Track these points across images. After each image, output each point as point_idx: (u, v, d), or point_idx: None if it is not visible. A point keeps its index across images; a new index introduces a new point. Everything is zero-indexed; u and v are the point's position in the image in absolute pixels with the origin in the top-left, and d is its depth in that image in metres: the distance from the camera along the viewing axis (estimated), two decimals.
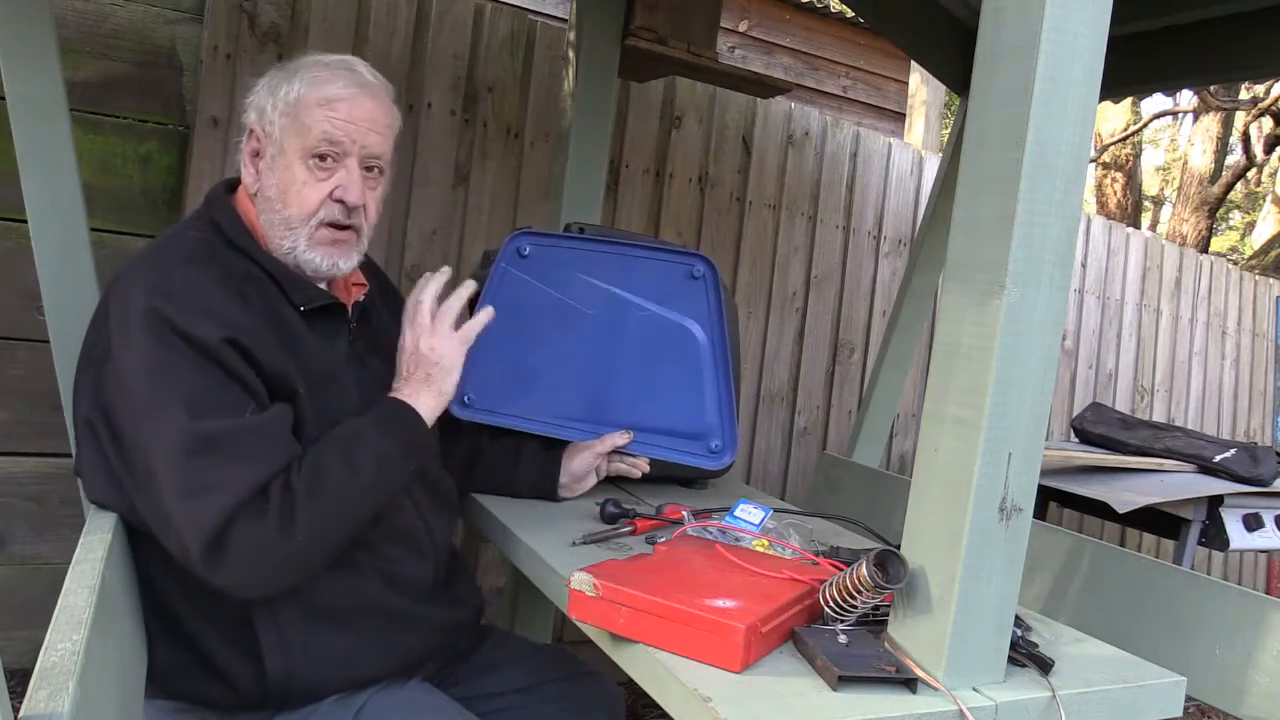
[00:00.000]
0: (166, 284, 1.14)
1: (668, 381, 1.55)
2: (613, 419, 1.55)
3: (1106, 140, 8.11)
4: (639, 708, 2.31)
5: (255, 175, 1.29)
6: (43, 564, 2.14)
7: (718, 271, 1.54)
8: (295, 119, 1.25)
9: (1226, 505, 2.66)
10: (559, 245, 1.56)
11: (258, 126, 1.28)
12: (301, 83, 1.26)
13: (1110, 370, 4.12)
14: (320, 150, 1.25)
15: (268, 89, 1.28)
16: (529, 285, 1.55)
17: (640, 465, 1.58)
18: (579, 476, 1.54)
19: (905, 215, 3.40)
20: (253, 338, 1.15)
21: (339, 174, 1.26)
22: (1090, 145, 1.02)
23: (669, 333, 1.55)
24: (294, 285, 1.27)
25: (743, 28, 5.48)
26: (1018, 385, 0.91)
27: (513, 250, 1.56)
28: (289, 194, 1.26)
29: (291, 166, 1.25)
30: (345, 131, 1.25)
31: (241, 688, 1.17)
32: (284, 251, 1.27)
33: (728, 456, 1.55)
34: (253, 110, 1.30)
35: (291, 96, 1.25)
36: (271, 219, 1.27)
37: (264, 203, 1.28)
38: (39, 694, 0.75)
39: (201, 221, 1.28)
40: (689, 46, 2.20)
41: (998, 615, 0.94)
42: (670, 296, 1.55)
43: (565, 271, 1.55)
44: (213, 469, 1.07)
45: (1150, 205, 12.87)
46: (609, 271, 1.55)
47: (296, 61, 1.30)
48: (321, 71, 1.27)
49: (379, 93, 1.30)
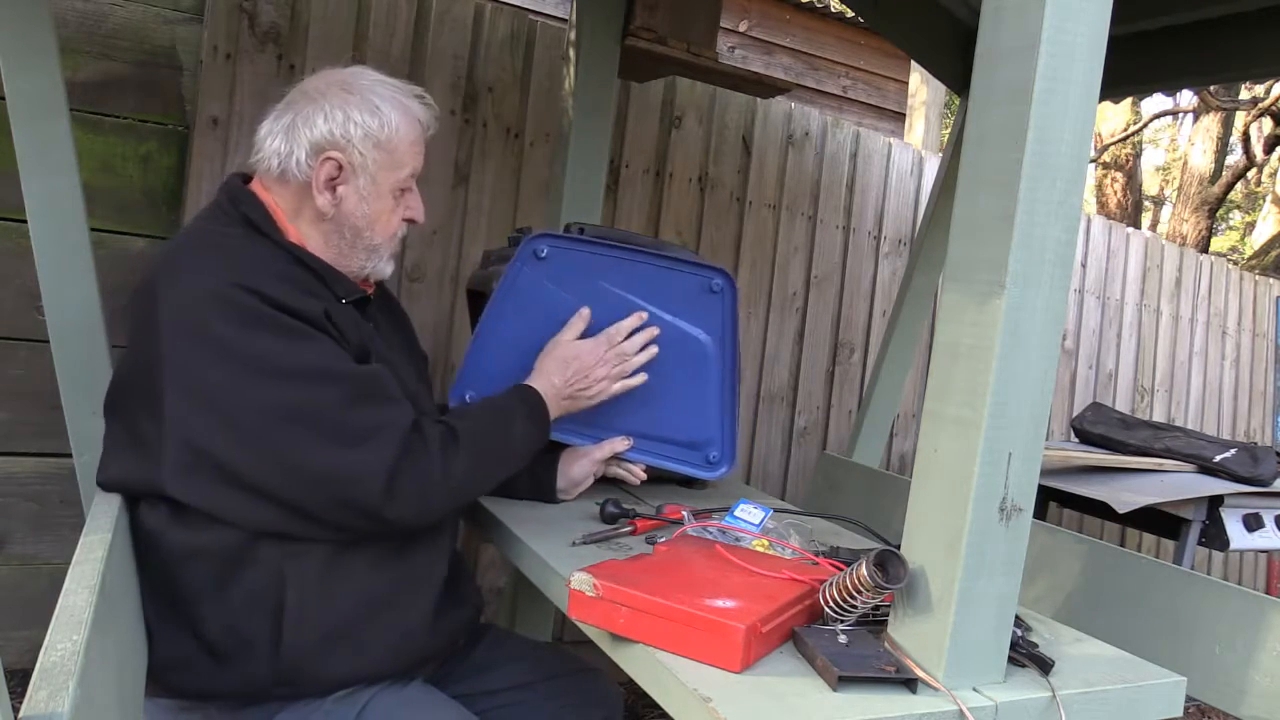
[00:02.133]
0: (244, 270, 1.18)
1: (673, 390, 1.55)
2: (615, 424, 1.55)
3: (1106, 140, 8.11)
4: (639, 708, 2.31)
5: (333, 201, 1.29)
6: (43, 564, 2.14)
7: (736, 287, 1.54)
8: (391, 154, 1.30)
9: (1226, 505, 2.66)
10: (577, 249, 1.55)
11: (340, 156, 1.27)
12: (393, 115, 1.29)
13: (1110, 370, 4.12)
14: (408, 185, 1.35)
15: (343, 116, 1.27)
16: (543, 287, 1.55)
17: (638, 473, 1.58)
18: (577, 481, 1.55)
19: (905, 215, 3.40)
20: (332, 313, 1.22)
21: (408, 196, 1.36)
22: (1090, 145, 1.02)
23: (680, 342, 1.55)
24: (334, 278, 1.30)
25: (743, 28, 5.48)
26: (1018, 385, 0.91)
27: (530, 251, 1.55)
28: (378, 223, 1.33)
29: (383, 197, 1.32)
30: (421, 163, 1.36)
31: (251, 673, 1.17)
32: (356, 269, 1.34)
33: (725, 468, 1.56)
34: (324, 135, 1.27)
35: (386, 133, 1.29)
36: (354, 243, 1.32)
37: (344, 228, 1.31)
38: (39, 694, 0.75)
39: (229, 218, 1.28)
40: (689, 46, 2.20)
41: (998, 615, 0.94)
42: (685, 307, 1.55)
43: (581, 276, 1.54)
44: (369, 413, 1.17)
45: (1150, 205, 12.87)
46: (626, 278, 1.55)
47: (367, 85, 1.31)
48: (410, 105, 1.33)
49: None
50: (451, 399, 1.55)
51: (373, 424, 1.16)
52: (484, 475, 1.30)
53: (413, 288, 2.46)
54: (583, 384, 1.46)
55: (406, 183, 1.34)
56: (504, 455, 1.33)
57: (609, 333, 1.48)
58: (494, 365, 1.54)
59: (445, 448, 1.22)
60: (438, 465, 1.20)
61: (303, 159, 1.27)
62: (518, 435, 1.35)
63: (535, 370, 1.45)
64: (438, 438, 1.22)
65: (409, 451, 1.17)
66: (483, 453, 1.28)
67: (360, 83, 1.30)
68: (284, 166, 1.28)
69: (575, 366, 1.45)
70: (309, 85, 1.32)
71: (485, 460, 1.29)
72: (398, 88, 1.33)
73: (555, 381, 1.43)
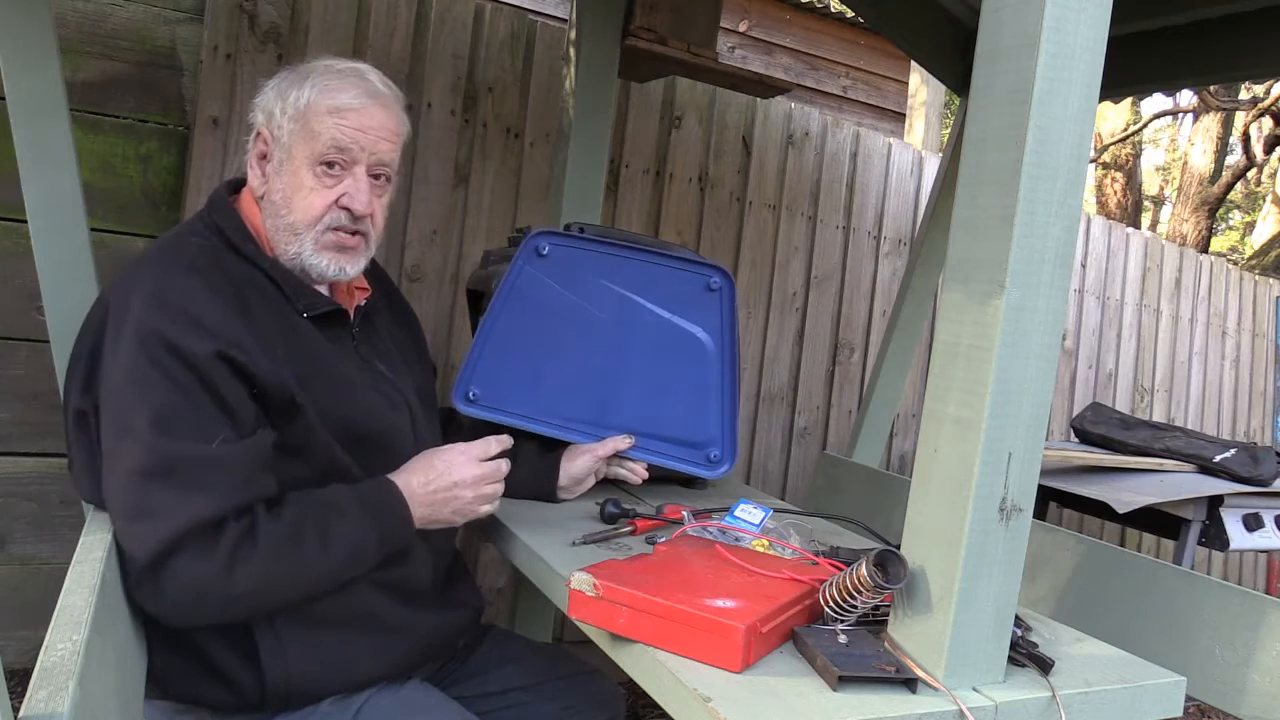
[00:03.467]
0: (163, 293, 1.13)
1: (673, 389, 1.56)
2: (616, 423, 1.56)
3: (1106, 140, 8.11)
4: (639, 708, 2.31)
5: (262, 178, 1.28)
6: (43, 564, 2.14)
7: (734, 285, 1.54)
8: (305, 125, 1.24)
9: (1226, 505, 2.66)
10: (578, 246, 1.56)
11: (265, 130, 1.28)
12: (313, 89, 1.25)
13: (1110, 370, 4.12)
14: (329, 158, 1.25)
15: (277, 92, 1.28)
16: (545, 285, 1.55)
17: (639, 472, 1.57)
18: (578, 479, 1.54)
19: (905, 215, 3.40)
20: (247, 349, 1.13)
21: (346, 181, 1.26)
22: (1090, 145, 1.02)
23: (679, 341, 1.55)
24: (297, 291, 1.26)
25: (743, 28, 5.48)
26: (1018, 385, 0.91)
27: (532, 249, 1.55)
28: (294, 200, 1.25)
29: (299, 172, 1.25)
30: (354, 140, 1.25)
31: (241, 690, 1.17)
32: (290, 256, 1.26)
33: (725, 467, 1.56)
34: (260, 112, 1.29)
35: (301, 103, 1.25)
36: (277, 224, 1.27)
37: (269, 207, 1.27)
38: (39, 694, 0.75)
39: (203, 225, 1.27)
40: (689, 46, 2.20)
41: (998, 615, 0.94)
42: (684, 305, 1.55)
43: (582, 273, 1.55)
44: (162, 494, 1.05)
45: (1150, 205, 12.87)
46: (626, 276, 1.55)
47: (308, 65, 1.29)
48: (333, 79, 1.26)
49: (389, 102, 1.30)
50: (455, 396, 1.55)
51: (157, 505, 1.05)
52: (287, 583, 1.12)
53: (413, 288, 2.46)
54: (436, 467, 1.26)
55: (329, 155, 1.24)
56: (318, 561, 1.14)
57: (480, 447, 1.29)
58: (496, 362, 1.55)
59: (236, 552, 1.06)
60: (219, 569, 1.05)
61: (251, 143, 1.29)
62: (341, 540, 1.15)
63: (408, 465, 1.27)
64: (231, 541, 1.06)
65: (180, 550, 1.04)
66: (290, 559, 1.11)
67: (311, 65, 1.29)
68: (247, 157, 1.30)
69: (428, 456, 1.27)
70: None
71: (292, 566, 1.12)
72: (333, 62, 1.29)
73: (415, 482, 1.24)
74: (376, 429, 1.27)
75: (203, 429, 1.09)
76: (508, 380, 1.55)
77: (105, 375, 1.13)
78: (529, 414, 1.55)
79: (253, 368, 1.13)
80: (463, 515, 1.27)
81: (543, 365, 1.56)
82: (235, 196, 1.32)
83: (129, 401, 1.09)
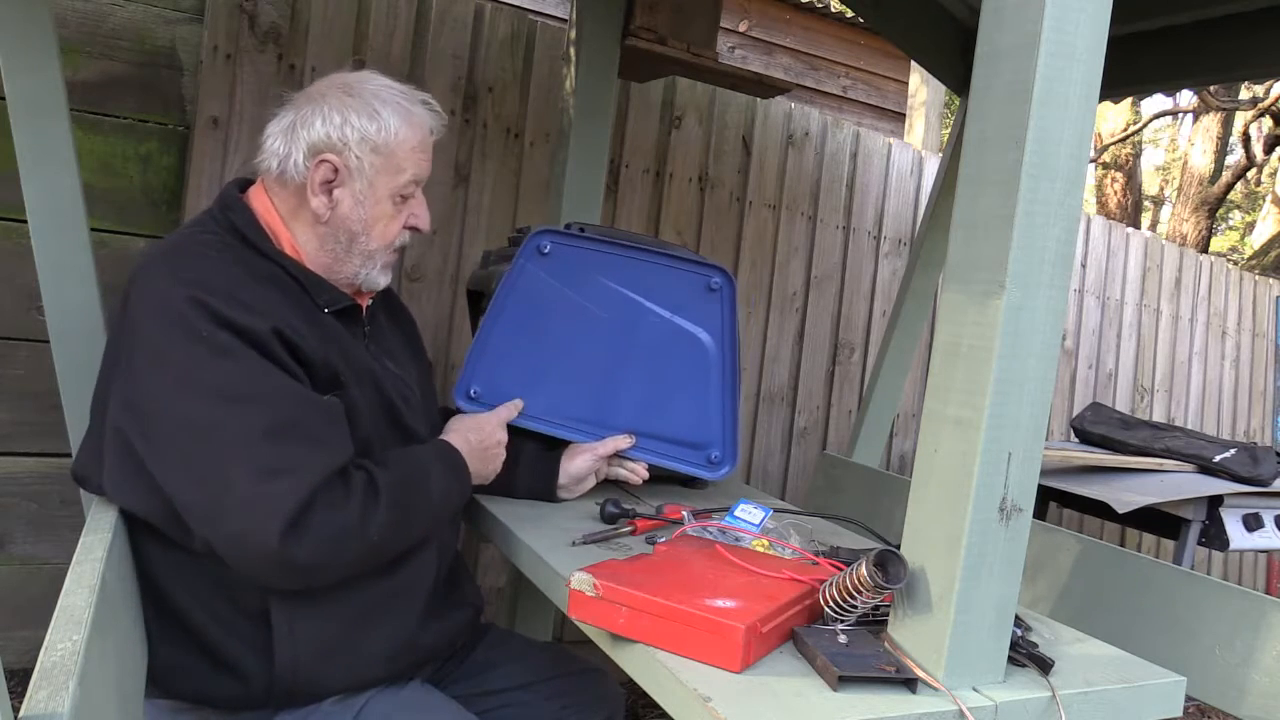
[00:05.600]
0: (204, 278, 1.14)
1: (674, 389, 1.55)
2: (616, 423, 1.56)
3: (1106, 140, 8.11)
4: (639, 708, 2.32)
5: (328, 204, 1.27)
6: (43, 564, 2.14)
7: (735, 286, 1.54)
8: (390, 160, 1.28)
9: (1226, 505, 2.66)
10: (580, 246, 1.56)
11: (335, 159, 1.26)
12: (394, 121, 1.27)
13: (1110, 370, 4.12)
14: (409, 191, 1.32)
15: (343, 119, 1.26)
16: (546, 283, 1.55)
17: (640, 472, 1.57)
18: (579, 478, 1.54)
19: (905, 215, 3.40)
20: (295, 329, 1.17)
21: (411, 203, 1.34)
22: (1090, 145, 1.02)
23: (680, 341, 1.55)
24: (317, 287, 1.28)
25: (743, 28, 5.48)
26: (1018, 385, 0.91)
27: (533, 247, 1.55)
28: (374, 228, 1.30)
29: (381, 203, 1.29)
30: (427, 170, 1.34)
31: (248, 682, 1.17)
32: (350, 275, 1.31)
33: (726, 468, 1.56)
34: (323, 138, 1.25)
35: (384, 137, 1.27)
36: (350, 248, 1.30)
37: (339, 232, 1.29)
38: (39, 694, 0.75)
39: (216, 223, 1.27)
40: (689, 46, 2.20)
41: (997, 615, 0.94)
42: (685, 305, 1.55)
43: (583, 272, 1.55)
44: (292, 450, 1.09)
45: (1150, 205, 12.87)
46: (627, 276, 1.56)
47: (368, 89, 1.29)
48: (414, 111, 1.31)
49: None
50: (456, 394, 1.55)
51: (290, 462, 1.08)
52: (403, 531, 1.20)
53: (413, 288, 2.46)
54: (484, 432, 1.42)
55: (408, 189, 1.32)
56: (423, 510, 1.24)
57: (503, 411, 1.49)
58: (498, 360, 1.55)
59: (366, 499, 1.14)
60: (356, 516, 1.11)
61: (300, 161, 1.26)
62: (437, 491, 1.26)
63: (448, 429, 1.41)
64: (360, 489, 1.14)
65: (325, 496, 1.09)
66: (403, 507, 1.19)
67: (364, 87, 1.29)
68: (283, 168, 1.27)
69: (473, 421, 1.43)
70: (313, 88, 1.32)
71: (406, 515, 1.19)
72: (403, 92, 1.32)
73: (471, 439, 1.39)
74: (399, 419, 1.32)
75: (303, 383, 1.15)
76: (509, 378, 1.54)
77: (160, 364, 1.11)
78: (530, 413, 1.55)
79: (304, 346, 1.17)
80: (492, 471, 1.43)
81: (544, 364, 1.56)
82: (244, 195, 1.32)
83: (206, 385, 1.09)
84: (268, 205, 1.30)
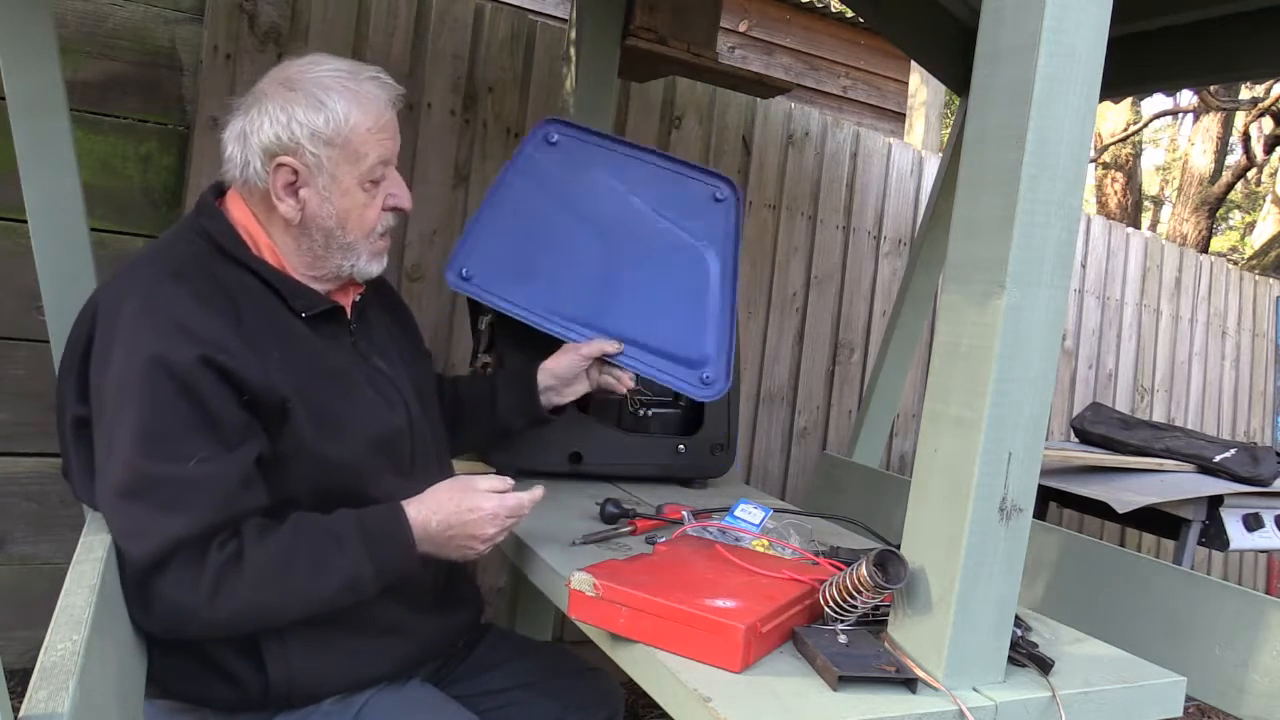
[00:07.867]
0: (150, 303, 1.12)
1: (672, 300, 1.51)
2: (609, 327, 1.51)
3: (1106, 140, 8.11)
4: (639, 708, 2.31)
5: (296, 206, 1.22)
6: (43, 564, 2.14)
7: (740, 197, 1.51)
8: (347, 148, 1.22)
9: (1226, 505, 2.66)
10: (589, 141, 1.53)
11: (292, 160, 1.20)
12: (342, 107, 1.21)
13: (1110, 370, 4.12)
14: (378, 175, 1.26)
15: (287, 118, 1.20)
16: (550, 174, 1.51)
17: (626, 380, 1.54)
18: (565, 379, 1.50)
19: (905, 215, 3.40)
20: (234, 354, 1.11)
21: (384, 184, 1.27)
22: (1090, 145, 1.02)
23: (682, 251, 1.51)
24: (294, 293, 1.24)
25: (743, 28, 5.48)
26: (1018, 385, 0.91)
27: (541, 136, 1.52)
28: (349, 220, 1.25)
29: (349, 193, 1.24)
30: (392, 149, 1.26)
31: (245, 688, 1.17)
32: (335, 270, 1.27)
33: (718, 388, 1.51)
34: (272, 143, 1.20)
35: (335, 127, 1.20)
36: (328, 245, 1.25)
37: (312, 231, 1.24)
38: (39, 694, 0.75)
39: (192, 231, 1.25)
40: (689, 46, 2.20)
41: (997, 615, 0.94)
42: (691, 215, 1.52)
43: (589, 169, 1.52)
44: (142, 514, 1.05)
45: (1150, 205, 12.87)
46: (634, 177, 1.52)
47: (306, 79, 1.23)
48: (357, 92, 1.22)
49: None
50: (448, 272, 1.53)
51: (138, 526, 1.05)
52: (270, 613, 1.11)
53: (413, 288, 2.46)
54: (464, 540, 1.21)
55: (375, 173, 1.25)
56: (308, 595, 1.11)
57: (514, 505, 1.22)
58: (494, 243, 1.52)
59: (220, 580, 1.05)
60: (202, 598, 1.05)
61: (258, 167, 1.22)
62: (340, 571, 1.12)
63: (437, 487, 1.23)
64: (216, 567, 1.05)
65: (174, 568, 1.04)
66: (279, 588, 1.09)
67: (305, 77, 1.23)
68: (245, 175, 1.23)
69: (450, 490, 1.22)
70: (257, 86, 1.26)
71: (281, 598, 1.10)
72: (349, 74, 1.24)
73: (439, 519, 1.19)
74: (374, 430, 1.26)
75: (183, 447, 1.07)
76: (503, 264, 1.50)
77: (96, 386, 1.13)
78: (521, 302, 1.50)
79: (241, 373, 1.11)
80: (462, 556, 1.24)
81: (540, 256, 1.52)
82: (221, 200, 1.29)
83: (115, 417, 1.09)
84: (245, 210, 1.26)
